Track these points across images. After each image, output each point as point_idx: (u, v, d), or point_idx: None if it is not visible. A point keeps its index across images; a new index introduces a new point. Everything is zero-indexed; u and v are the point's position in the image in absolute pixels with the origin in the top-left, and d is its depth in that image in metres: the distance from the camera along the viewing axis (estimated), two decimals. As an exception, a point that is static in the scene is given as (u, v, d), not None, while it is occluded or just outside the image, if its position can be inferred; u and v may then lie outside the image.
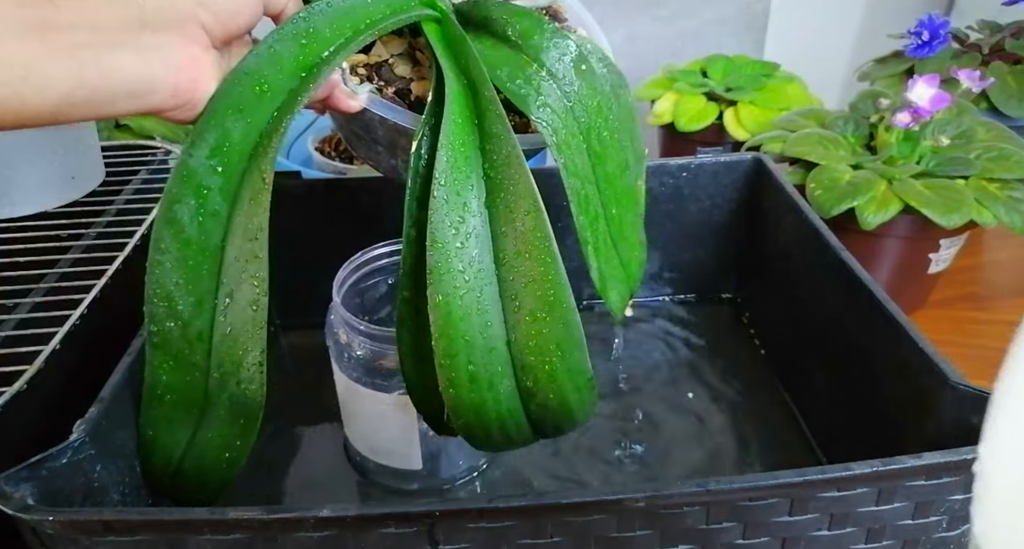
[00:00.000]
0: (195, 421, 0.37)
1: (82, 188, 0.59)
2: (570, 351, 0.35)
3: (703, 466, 0.50)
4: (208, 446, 0.38)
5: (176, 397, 0.36)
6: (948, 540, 0.36)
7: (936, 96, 0.57)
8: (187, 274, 0.33)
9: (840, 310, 0.48)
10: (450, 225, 0.33)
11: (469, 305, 0.33)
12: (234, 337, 0.35)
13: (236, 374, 0.36)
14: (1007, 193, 0.56)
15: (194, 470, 0.38)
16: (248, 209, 0.33)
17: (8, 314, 0.47)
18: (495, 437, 0.37)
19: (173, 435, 0.37)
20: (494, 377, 0.35)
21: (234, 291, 0.34)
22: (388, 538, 0.32)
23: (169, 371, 0.35)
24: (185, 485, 0.39)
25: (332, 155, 0.79)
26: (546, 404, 0.36)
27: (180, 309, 0.34)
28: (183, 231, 0.33)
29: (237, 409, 0.36)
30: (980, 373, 0.59)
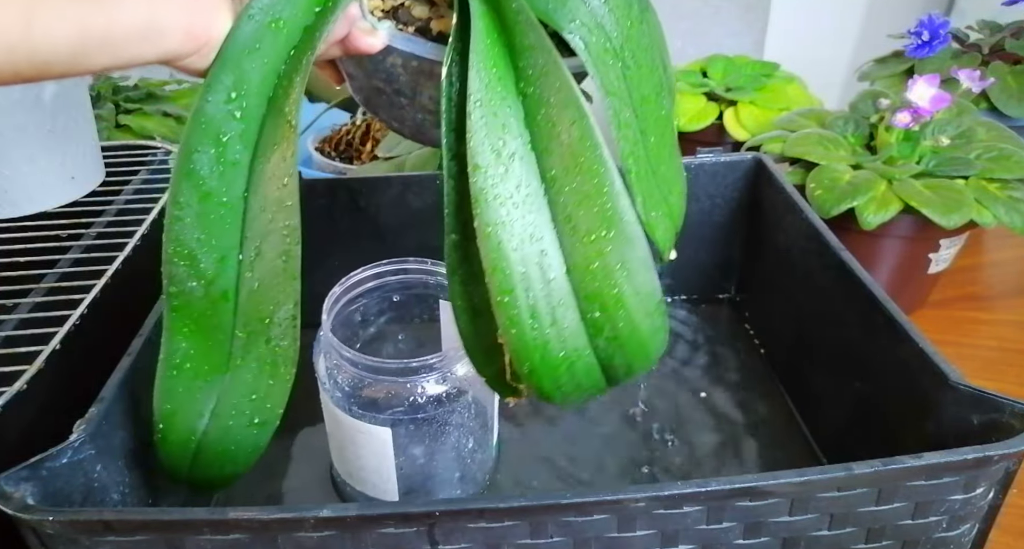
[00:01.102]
0: (219, 388, 0.35)
1: (82, 188, 0.59)
2: (637, 270, 0.32)
3: (703, 466, 0.50)
4: (235, 412, 0.35)
5: (197, 364, 0.34)
6: (948, 540, 0.36)
7: (936, 96, 0.57)
8: (209, 229, 0.31)
9: (840, 310, 0.48)
10: (491, 148, 0.31)
11: (520, 233, 0.31)
12: (263, 292, 0.33)
13: (265, 332, 0.33)
14: (1007, 193, 0.56)
15: (219, 442, 0.36)
16: (273, 155, 0.31)
17: (8, 314, 0.47)
18: (564, 384, 0.34)
19: (195, 405, 0.35)
20: (556, 310, 0.32)
21: (261, 243, 0.32)
22: (388, 538, 0.32)
23: (189, 336, 0.33)
24: (209, 461, 0.36)
25: (332, 155, 0.79)
26: (616, 336, 0.33)
27: (203, 267, 0.32)
28: (203, 183, 0.31)
29: (266, 369, 0.34)
30: (980, 373, 0.59)
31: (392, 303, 0.50)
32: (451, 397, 0.42)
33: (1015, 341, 0.63)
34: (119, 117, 0.80)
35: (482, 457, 0.48)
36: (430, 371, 0.41)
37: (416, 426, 0.43)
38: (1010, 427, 0.34)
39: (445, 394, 0.42)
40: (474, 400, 0.44)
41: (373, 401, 0.42)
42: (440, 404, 0.42)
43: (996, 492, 0.35)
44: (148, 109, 0.82)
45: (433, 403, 0.42)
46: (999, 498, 0.35)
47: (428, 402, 0.42)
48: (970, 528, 0.36)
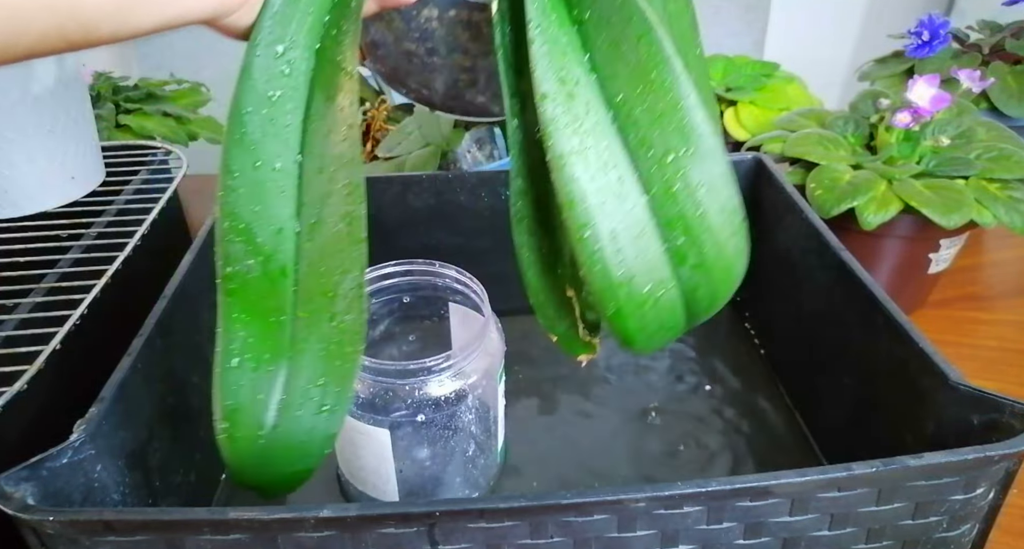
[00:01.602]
0: (283, 376, 0.32)
1: (82, 188, 0.59)
2: (720, 187, 0.30)
3: (703, 466, 0.50)
4: (302, 400, 0.32)
5: (257, 353, 0.31)
6: (948, 540, 0.36)
7: (936, 96, 0.57)
8: (264, 199, 0.29)
9: (840, 310, 0.48)
10: (555, 76, 0.29)
11: (595, 162, 0.29)
12: (325, 263, 0.30)
13: (329, 308, 0.31)
14: (1007, 193, 0.56)
15: (290, 435, 0.32)
16: (328, 110, 0.29)
17: (8, 314, 0.47)
18: (649, 323, 0.32)
19: (260, 398, 0.32)
20: (639, 241, 0.30)
21: (321, 209, 0.30)
22: (388, 538, 0.32)
23: (247, 323, 0.30)
24: (280, 457, 0.33)
25: (332, 155, 0.79)
26: (703, 262, 0.31)
27: (260, 242, 0.29)
28: (254, 148, 0.29)
29: (332, 350, 0.32)
30: (980, 373, 0.59)
31: (401, 304, 0.50)
32: (450, 401, 0.42)
33: (1015, 341, 0.63)
34: (119, 117, 0.80)
35: (485, 462, 0.47)
36: (428, 374, 0.41)
37: (415, 429, 0.43)
38: (1010, 427, 0.34)
39: (444, 398, 0.42)
40: (476, 405, 0.44)
41: (371, 402, 0.42)
42: (439, 408, 0.42)
43: (996, 492, 0.35)
44: (148, 109, 0.82)
45: (432, 407, 0.42)
46: (999, 498, 0.35)
47: (427, 405, 0.42)
48: (970, 528, 0.36)
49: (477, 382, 0.43)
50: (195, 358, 0.48)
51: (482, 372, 0.43)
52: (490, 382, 0.44)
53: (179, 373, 0.46)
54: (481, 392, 0.43)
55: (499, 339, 0.45)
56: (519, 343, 0.56)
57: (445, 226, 0.60)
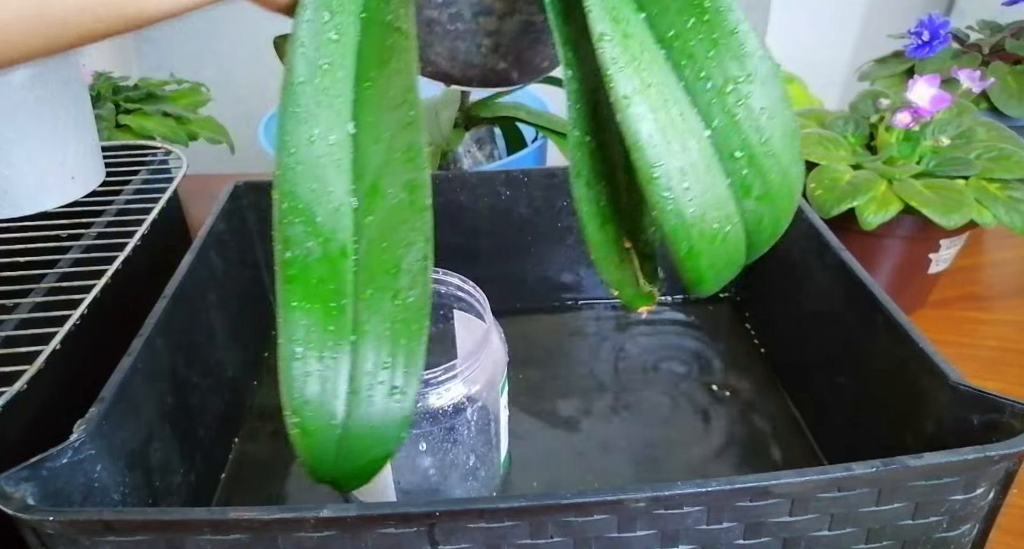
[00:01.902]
0: (349, 362, 0.30)
1: (82, 188, 0.59)
2: (779, 111, 0.30)
3: (703, 466, 0.50)
4: (372, 384, 0.31)
5: (321, 341, 0.30)
6: (948, 540, 0.36)
7: (936, 96, 0.57)
8: (322, 175, 0.28)
9: (840, 310, 0.48)
10: (608, 15, 0.28)
11: (656, 99, 0.29)
12: (386, 237, 0.29)
13: (392, 286, 0.29)
14: (1007, 193, 0.56)
15: (363, 422, 0.31)
16: (382, 73, 0.28)
17: (8, 314, 0.47)
18: (718, 260, 0.31)
19: (328, 387, 0.30)
20: (707, 176, 0.30)
21: (378, 179, 0.28)
22: (388, 538, 0.32)
23: (309, 310, 0.29)
24: (356, 446, 0.31)
25: (332, 155, 0.79)
26: (767, 191, 0.31)
27: (319, 221, 0.28)
28: (309, 122, 0.28)
29: (398, 329, 0.30)
30: (980, 373, 0.59)
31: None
32: (449, 413, 0.42)
33: (1015, 341, 0.63)
34: (119, 117, 0.80)
35: (486, 475, 0.47)
36: (426, 386, 0.40)
37: (413, 441, 0.43)
38: (1010, 427, 0.34)
39: (442, 410, 0.41)
40: (476, 417, 0.43)
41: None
42: (437, 420, 0.41)
43: (996, 492, 0.35)
44: (148, 109, 0.82)
45: (430, 419, 0.41)
46: (999, 498, 0.35)
47: (425, 417, 0.41)
48: (970, 528, 0.36)
49: (477, 394, 0.42)
50: (195, 358, 0.48)
51: (482, 383, 0.42)
52: (491, 393, 0.43)
53: (179, 373, 0.46)
54: (481, 404, 0.43)
55: (501, 347, 0.45)
56: (519, 343, 0.56)
57: (445, 226, 0.59)
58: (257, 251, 0.60)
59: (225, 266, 0.54)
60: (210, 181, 0.68)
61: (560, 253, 0.62)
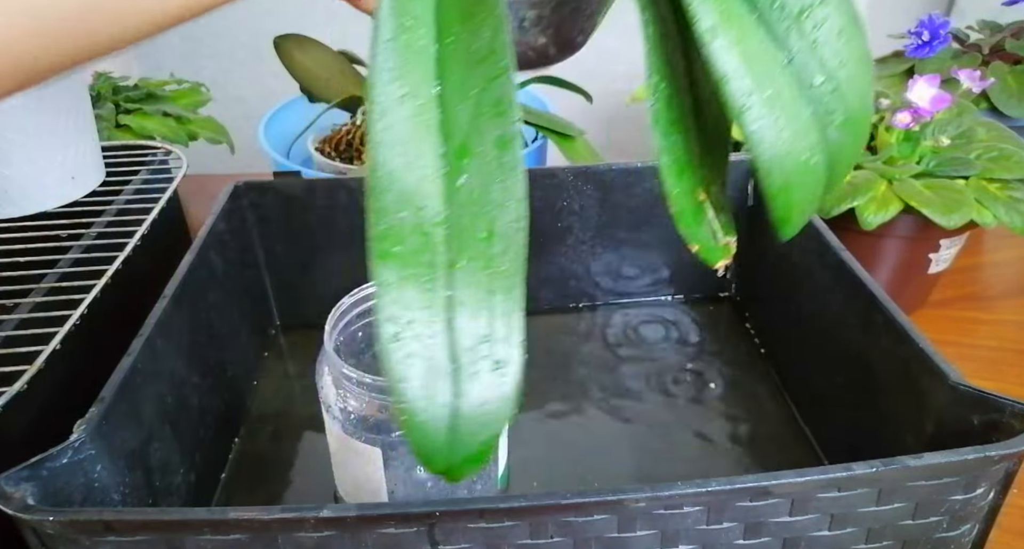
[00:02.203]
0: (447, 339, 0.28)
1: (82, 188, 0.59)
2: (856, 34, 0.29)
3: (703, 466, 0.50)
4: (474, 360, 0.29)
5: (419, 320, 0.28)
6: (948, 540, 0.36)
7: (936, 96, 0.57)
8: (412, 138, 0.27)
9: (840, 310, 0.48)
10: None
11: (737, 31, 0.28)
12: (479, 200, 0.28)
13: (484, 254, 0.28)
14: (1007, 193, 0.56)
15: (471, 402, 0.29)
16: (467, 26, 0.27)
17: (8, 314, 0.47)
18: (808, 194, 0.31)
19: (433, 368, 0.29)
20: (793, 105, 0.29)
21: (468, 138, 0.27)
22: (388, 538, 0.32)
23: (401, 288, 0.28)
24: (468, 428, 0.30)
25: (332, 155, 0.79)
26: (848, 118, 0.30)
27: (412, 188, 0.27)
28: (397, 83, 0.27)
29: (496, 299, 0.29)
30: (980, 373, 0.59)
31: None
32: None
33: (1015, 341, 0.63)
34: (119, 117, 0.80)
35: (483, 488, 0.46)
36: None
37: (407, 450, 0.42)
38: (1010, 427, 0.34)
39: None
40: None
41: (364, 419, 0.41)
42: None
43: (996, 492, 0.35)
44: (148, 109, 0.82)
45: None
46: (999, 498, 0.35)
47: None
48: (970, 528, 0.36)
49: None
50: (195, 358, 0.48)
51: None
52: None
53: (179, 373, 0.46)
54: None
55: None
56: (519, 343, 0.56)
57: (445, 226, 0.60)
58: (257, 251, 0.60)
59: (225, 266, 0.54)
60: (210, 181, 0.68)
61: (560, 253, 0.62)
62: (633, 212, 0.61)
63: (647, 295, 0.65)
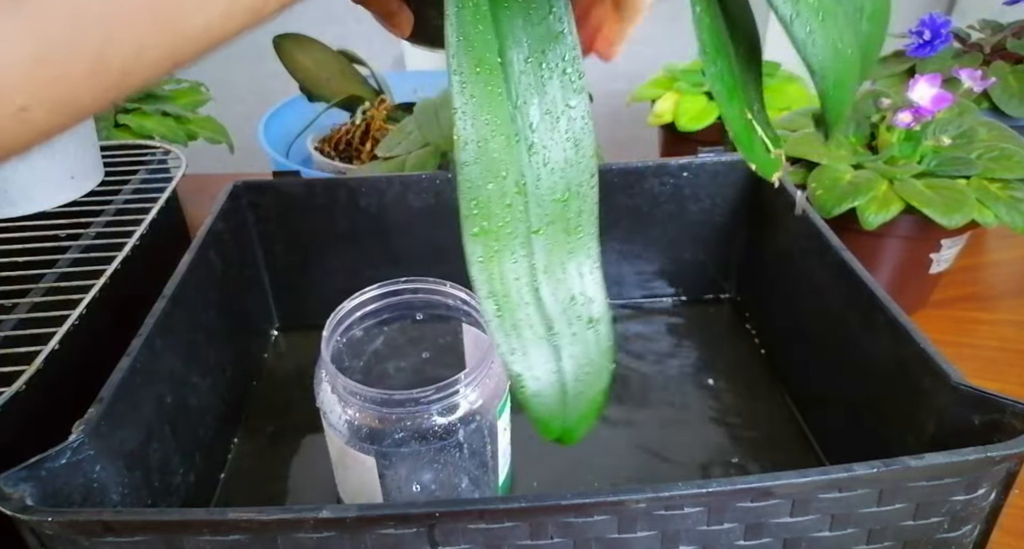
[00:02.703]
0: (541, 306, 0.29)
1: (81, 188, 0.59)
2: None
3: (704, 466, 0.50)
4: (571, 323, 0.30)
5: (510, 293, 0.28)
6: (950, 541, 0.35)
7: (937, 96, 0.57)
8: (491, 105, 0.27)
9: (841, 310, 0.48)
10: None
11: None
12: (553, 162, 0.28)
13: (563, 217, 0.28)
14: (1008, 193, 0.56)
15: (576, 364, 0.30)
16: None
17: (7, 314, 0.47)
18: (853, 88, 0.32)
19: (537, 338, 0.29)
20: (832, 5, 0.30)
21: (535, 101, 0.27)
22: (388, 539, 0.32)
23: (492, 261, 0.28)
24: (578, 390, 0.31)
25: (332, 155, 0.79)
26: (876, 7, 0.32)
27: (496, 158, 0.27)
28: (471, 50, 0.27)
29: (578, 261, 0.29)
30: (981, 373, 0.59)
31: (414, 321, 0.48)
32: (436, 434, 0.40)
33: (1016, 341, 0.63)
34: (118, 117, 0.80)
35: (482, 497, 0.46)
36: (416, 405, 0.39)
37: (400, 460, 0.42)
38: (1012, 428, 0.34)
39: (432, 431, 0.40)
40: (469, 440, 0.42)
41: (358, 428, 0.41)
42: (425, 440, 0.40)
43: (998, 493, 0.35)
44: (147, 109, 0.82)
45: (418, 439, 0.40)
46: (1000, 499, 0.35)
47: (413, 438, 0.40)
48: (971, 529, 0.36)
49: (469, 416, 0.41)
50: (194, 358, 0.48)
51: (478, 406, 0.41)
52: (486, 417, 0.42)
53: (178, 373, 0.46)
54: (475, 427, 0.41)
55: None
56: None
57: (445, 226, 0.60)
58: (256, 251, 0.60)
59: (224, 266, 0.54)
60: (209, 181, 0.68)
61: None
62: (633, 212, 0.61)
63: (647, 295, 0.65)
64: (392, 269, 0.60)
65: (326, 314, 0.44)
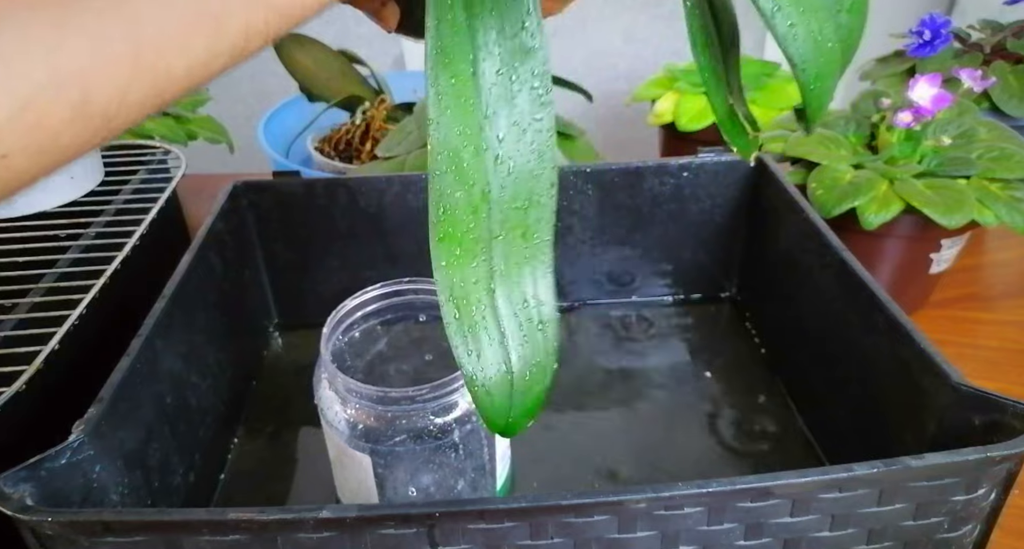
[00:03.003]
0: (495, 309, 0.30)
1: (81, 188, 0.59)
2: None
3: (704, 466, 0.50)
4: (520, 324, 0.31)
5: (471, 297, 0.30)
6: (950, 541, 0.35)
7: (938, 96, 0.57)
8: (464, 116, 0.28)
9: (841, 310, 0.48)
10: None
11: None
12: (517, 169, 0.29)
13: (523, 220, 0.30)
14: (1008, 193, 0.56)
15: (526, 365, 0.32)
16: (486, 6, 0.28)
17: (7, 314, 0.47)
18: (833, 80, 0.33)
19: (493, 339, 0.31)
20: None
21: (505, 111, 0.28)
22: (388, 539, 0.32)
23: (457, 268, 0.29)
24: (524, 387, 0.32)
25: (332, 155, 0.79)
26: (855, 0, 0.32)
27: (466, 167, 0.28)
28: (448, 62, 0.28)
29: (532, 267, 0.31)
30: (981, 373, 0.59)
31: (417, 322, 0.47)
32: (431, 433, 0.40)
33: (1017, 341, 0.63)
34: (119, 117, 0.80)
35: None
36: (411, 403, 0.39)
37: (395, 459, 0.41)
38: (1012, 428, 0.34)
39: (426, 430, 0.40)
40: (463, 441, 0.41)
41: (354, 426, 0.40)
42: (420, 440, 0.40)
43: (998, 493, 0.35)
44: (148, 109, 0.81)
45: (412, 437, 0.40)
46: (1001, 499, 0.35)
47: (408, 436, 0.40)
48: (972, 529, 0.36)
49: (466, 417, 0.40)
50: (194, 358, 0.48)
51: (474, 407, 0.40)
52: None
53: (178, 373, 0.46)
54: (471, 429, 0.41)
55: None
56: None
57: (445, 226, 0.60)
58: (256, 251, 0.60)
59: (224, 266, 0.54)
60: (209, 181, 0.68)
61: (560, 253, 0.62)
62: (633, 212, 0.61)
63: (647, 295, 0.65)
64: (392, 269, 0.61)
65: (326, 314, 0.44)
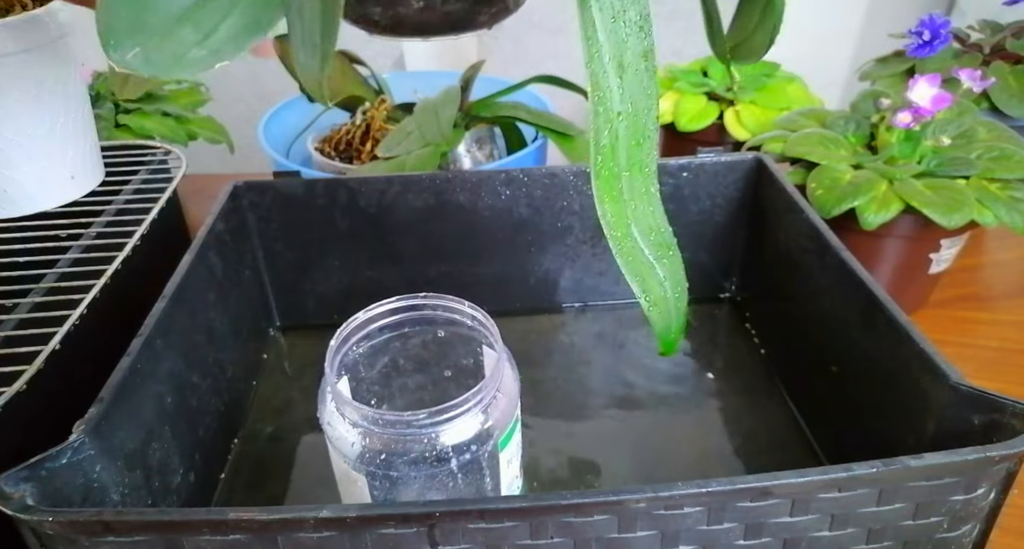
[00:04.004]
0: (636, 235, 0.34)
1: (82, 188, 0.59)
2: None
3: (704, 466, 0.50)
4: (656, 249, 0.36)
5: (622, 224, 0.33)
6: (949, 541, 0.35)
7: (937, 96, 0.57)
8: (614, 53, 0.30)
9: (841, 310, 0.48)
10: None
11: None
12: (635, 109, 0.31)
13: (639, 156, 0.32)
14: (1008, 193, 0.56)
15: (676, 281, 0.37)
16: None
17: (8, 314, 0.47)
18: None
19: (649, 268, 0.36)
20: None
21: (625, 53, 0.30)
22: (388, 539, 0.32)
23: (610, 201, 0.33)
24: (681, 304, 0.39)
25: (332, 155, 0.79)
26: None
27: (610, 107, 0.31)
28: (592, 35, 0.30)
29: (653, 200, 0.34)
30: (981, 373, 0.59)
31: (435, 338, 0.46)
32: (427, 460, 0.38)
33: (1016, 341, 0.63)
34: (119, 117, 0.80)
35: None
36: (406, 427, 0.38)
37: (390, 483, 0.40)
38: (1011, 427, 0.34)
39: (421, 456, 0.38)
40: (461, 469, 0.40)
41: (351, 444, 0.39)
42: (415, 465, 0.38)
43: (997, 493, 0.35)
44: (148, 109, 0.82)
45: (407, 463, 0.38)
46: (1000, 499, 0.35)
47: (401, 461, 0.38)
48: (971, 529, 0.36)
49: (463, 445, 0.39)
50: (195, 358, 0.48)
51: (472, 434, 0.39)
52: (484, 447, 0.39)
53: (178, 373, 0.46)
54: (470, 458, 0.39)
55: (514, 380, 0.42)
56: (519, 343, 0.56)
57: (445, 226, 0.60)
58: (256, 251, 0.60)
59: (224, 266, 0.54)
60: (209, 181, 0.68)
61: (560, 253, 0.62)
62: (633, 212, 0.61)
63: (647, 295, 0.65)
64: (392, 269, 0.61)
65: (326, 314, 0.45)
